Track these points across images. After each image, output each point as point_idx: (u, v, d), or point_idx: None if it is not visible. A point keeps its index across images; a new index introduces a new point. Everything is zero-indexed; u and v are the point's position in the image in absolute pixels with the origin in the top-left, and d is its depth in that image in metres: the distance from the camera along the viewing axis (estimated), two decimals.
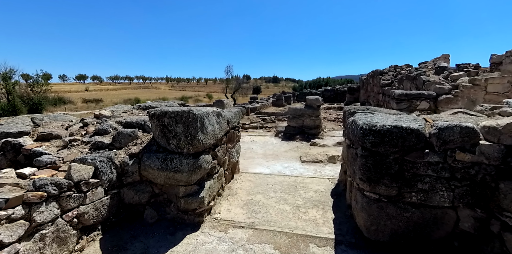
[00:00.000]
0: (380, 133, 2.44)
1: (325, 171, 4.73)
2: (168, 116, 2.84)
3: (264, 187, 3.95)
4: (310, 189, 3.86)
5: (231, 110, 4.10)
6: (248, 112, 14.58)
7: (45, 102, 25.37)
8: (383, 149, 2.47)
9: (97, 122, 3.85)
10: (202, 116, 2.94)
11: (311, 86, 55.15)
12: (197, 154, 2.96)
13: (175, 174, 2.90)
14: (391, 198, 2.57)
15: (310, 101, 7.97)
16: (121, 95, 62.70)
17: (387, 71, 14.98)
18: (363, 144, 2.55)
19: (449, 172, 2.42)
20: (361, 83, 20.39)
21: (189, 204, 2.98)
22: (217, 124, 3.35)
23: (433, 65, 9.43)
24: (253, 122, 12.12)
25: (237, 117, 4.21)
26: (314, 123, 7.83)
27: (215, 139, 3.26)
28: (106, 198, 2.84)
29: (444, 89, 7.26)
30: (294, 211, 3.27)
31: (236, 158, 4.27)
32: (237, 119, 4.22)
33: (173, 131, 2.86)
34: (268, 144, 7.16)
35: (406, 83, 9.84)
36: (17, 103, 21.75)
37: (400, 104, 7.36)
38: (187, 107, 2.93)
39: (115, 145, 3.20)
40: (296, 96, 26.21)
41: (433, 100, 7.26)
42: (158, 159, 2.95)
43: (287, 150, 6.56)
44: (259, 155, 6.01)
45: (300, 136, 7.66)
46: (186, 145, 2.85)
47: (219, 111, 3.48)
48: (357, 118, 2.88)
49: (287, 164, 5.23)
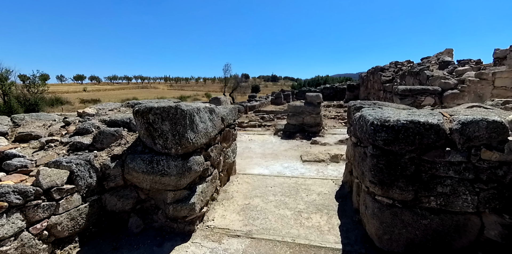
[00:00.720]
0: (394, 130, 2.13)
1: (328, 171, 4.42)
2: (153, 112, 2.52)
3: (263, 190, 3.63)
4: (313, 192, 3.55)
5: (226, 107, 3.78)
6: (247, 110, 14.26)
7: (42, 102, 25.03)
8: (397, 148, 2.16)
9: (79, 121, 3.52)
10: (191, 112, 2.62)
11: (310, 84, 54.80)
12: (186, 155, 2.64)
13: (162, 178, 2.58)
14: (407, 203, 2.26)
15: (310, 98, 7.66)
16: (119, 95, 62.31)
17: (387, 68, 14.68)
18: (374, 142, 2.23)
19: (473, 173, 2.11)
20: (361, 80, 20.08)
21: (179, 211, 2.66)
22: (210, 121, 3.03)
23: (436, 60, 9.12)
24: (252, 120, 11.81)
25: (233, 115, 3.89)
26: (315, 121, 7.51)
27: (207, 138, 2.94)
28: (84, 206, 2.52)
29: (450, 84, 6.95)
30: (295, 217, 2.96)
31: (232, 158, 3.96)
32: (233, 116, 3.90)
33: (159, 129, 2.54)
34: (267, 143, 6.85)
35: (408, 78, 9.53)
36: (14, 104, 21.39)
37: (404, 100, 7.06)
38: (175, 103, 2.61)
39: (96, 145, 2.88)
40: (295, 94, 25.89)
41: (438, 95, 6.96)
42: (143, 161, 2.63)
43: (287, 149, 6.25)
44: (257, 155, 5.69)
45: (300, 134, 7.35)
46: (173, 145, 2.53)
47: (212, 107, 3.16)
48: (365, 113, 2.57)
49: (287, 164, 4.92)
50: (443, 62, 8.40)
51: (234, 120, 3.96)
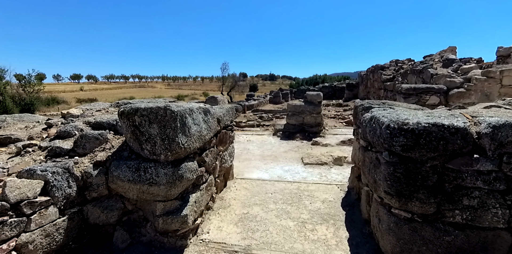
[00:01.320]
0: (414, 134, 1.85)
1: (332, 175, 4.14)
2: (140, 114, 2.23)
3: (263, 197, 3.36)
4: (317, 199, 3.28)
5: (223, 107, 3.49)
6: (245, 109, 13.98)
7: (37, 102, 24.66)
8: (417, 154, 1.88)
9: (61, 122, 3.23)
10: (183, 113, 2.33)
11: (308, 83, 54.49)
12: (177, 162, 2.36)
13: (150, 188, 2.30)
14: (428, 217, 1.99)
15: (310, 97, 7.38)
16: (116, 94, 61.82)
17: (388, 66, 14.44)
18: (390, 147, 1.96)
19: (505, 183, 1.84)
20: (360, 79, 19.83)
21: (169, 225, 2.38)
22: (204, 123, 2.75)
23: (440, 58, 8.86)
24: (250, 120, 11.53)
25: (230, 115, 3.60)
26: (315, 121, 7.24)
27: (201, 142, 2.65)
28: (62, 220, 2.23)
29: (455, 83, 6.70)
30: (299, 229, 2.68)
31: (230, 162, 3.67)
32: (230, 117, 3.62)
33: (146, 133, 2.25)
34: (266, 144, 6.57)
35: (411, 77, 9.28)
36: (8, 104, 20.99)
37: (408, 99, 6.80)
38: (164, 103, 2.32)
39: (77, 151, 2.59)
40: (293, 93, 25.61)
41: (443, 94, 6.70)
42: (129, 168, 2.34)
43: (287, 150, 5.97)
44: (256, 157, 5.41)
45: (300, 134, 7.08)
46: (163, 150, 2.24)
47: (206, 107, 2.87)
48: (378, 114, 2.29)
49: (287, 167, 4.64)
50: (447, 60, 8.15)
51: (231, 121, 3.67)
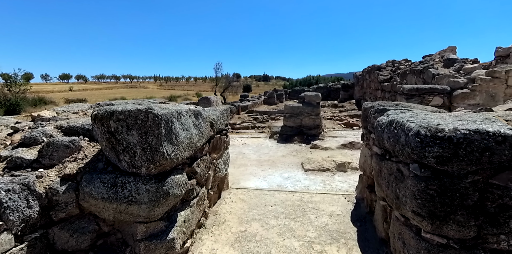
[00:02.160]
0: (451, 143, 1.50)
1: (336, 183, 3.79)
2: (116, 118, 1.84)
3: (262, 210, 2.98)
4: (323, 212, 2.92)
5: (216, 109, 3.11)
6: (239, 110, 13.60)
7: (23, 103, 23.90)
8: (455, 168, 1.54)
9: (29, 127, 2.80)
10: (169, 117, 1.94)
11: (302, 84, 54.32)
12: (162, 175, 1.97)
13: (129, 207, 1.90)
14: (466, 242, 1.64)
15: (309, 98, 7.04)
16: (106, 94, 60.79)
17: (384, 66, 14.24)
18: (421, 159, 1.61)
19: None
20: (356, 79, 19.64)
21: (152, 251, 1.99)
22: (195, 128, 2.37)
23: (440, 57, 8.63)
24: (245, 121, 11.15)
25: (225, 118, 3.22)
26: (314, 123, 6.90)
27: (192, 150, 2.27)
28: (20, 248, 1.82)
29: (459, 83, 6.44)
30: (306, 250, 2.31)
31: (224, 171, 3.29)
32: (225, 119, 3.24)
33: (123, 141, 1.86)
34: (262, 148, 6.20)
35: (410, 77, 9.02)
36: None
37: (410, 100, 6.51)
38: (146, 105, 1.93)
39: (42, 162, 2.18)
40: (288, 93, 25.35)
41: (447, 95, 6.43)
42: (103, 183, 1.95)
43: (285, 154, 5.61)
44: (252, 162, 5.04)
45: (299, 137, 6.73)
46: (144, 162, 1.85)
47: (198, 110, 2.48)
48: (400, 117, 1.94)
49: (287, 173, 4.28)
50: (449, 59, 7.91)
51: (226, 125, 3.29)
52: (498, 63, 9.39)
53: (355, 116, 12.19)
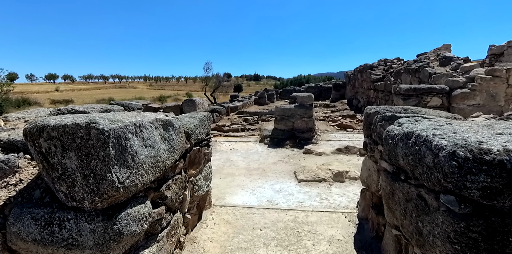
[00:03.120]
0: (504, 169, 1.08)
1: (334, 197, 3.37)
2: (47, 135, 1.36)
3: (249, 236, 2.53)
4: (321, 237, 2.48)
5: (195, 116, 2.63)
6: (229, 112, 13.11)
7: (6, 104, 22.92)
8: (508, 203, 1.12)
9: None
10: (121, 133, 1.47)
11: (293, 83, 54.06)
12: (114, 209, 1.50)
13: (69, 253, 1.43)
14: None
15: (301, 99, 6.62)
16: (94, 95, 59.50)
17: (376, 65, 13.96)
18: (460, 190, 1.18)
19: None
20: (347, 79, 19.36)
21: None
22: (164, 142, 1.90)
23: (435, 56, 8.34)
24: (234, 123, 10.68)
25: (205, 126, 2.75)
26: (307, 126, 6.49)
27: (159, 171, 1.80)
28: None
29: (458, 82, 6.12)
30: None
31: (206, 187, 2.82)
32: (205, 128, 2.77)
33: (58, 166, 1.38)
34: (252, 153, 5.75)
35: (405, 76, 8.71)
36: None
37: (408, 100, 6.17)
38: (88, 116, 1.45)
39: None
40: (279, 93, 24.99)
41: (446, 95, 6.11)
42: (35, 221, 1.47)
43: (276, 161, 5.18)
44: (241, 171, 4.59)
45: (290, 141, 6.30)
46: (87, 194, 1.38)
47: (168, 119, 2.01)
48: (422, 130, 1.52)
49: (279, 185, 3.84)
50: (445, 58, 7.61)
51: (207, 134, 2.82)
52: (491, 62, 9.17)
53: (347, 116, 11.87)
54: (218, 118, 11.65)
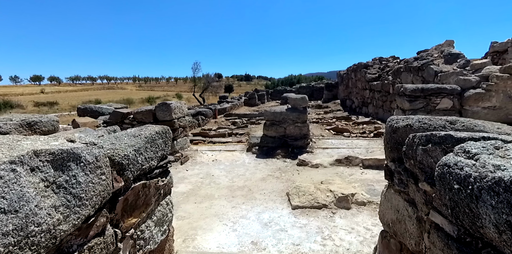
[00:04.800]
0: None
1: (340, 234, 2.55)
2: None
3: None
4: None
5: (139, 134, 1.76)
6: (216, 114, 12.23)
7: None
8: None
9: None
10: None
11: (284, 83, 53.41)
12: None
13: None
14: None
15: (293, 102, 5.81)
16: (81, 96, 57.87)
17: (371, 64, 13.29)
18: None
19: None
20: (340, 78, 18.68)
21: None
22: (54, 194, 1.04)
23: (439, 53, 7.64)
24: (221, 127, 9.83)
25: (157, 148, 1.88)
26: (300, 132, 5.68)
27: (36, 251, 0.94)
28: None
29: (471, 82, 5.40)
30: None
31: (159, 236, 1.94)
32: (157, 151, 1.90)
33: None
34: (237, 166, 4.91)
35: (405, 75, 8.00)
36: None
37: (415, 102, 5.43)
38: None
39: None
40: (270, 94, 24.23)
41: (457, 96, 5.38)
42: None
43: (266, 176, 4.36)
44: (222, 191, 3.74)
45: (282, 150, 5.48)
46: None
47: (68, 151, 1.15)
48: None
49: (267, 213, 3.01)
50: (450, 55, 6.92)
51: (161, 158, 1.95)
52: (494, 59, 8.55)
53: (342, 118, 11.15)
54: (204, 121, 10.76)
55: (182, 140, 5.49)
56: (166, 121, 5.05)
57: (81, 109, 6.97)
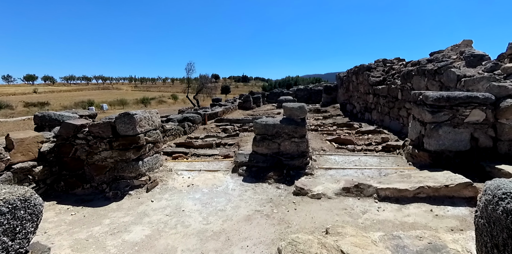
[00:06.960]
0: None
1: None
2: None
3: None
4: None
5: None
6: (205, 119, 11.14)
7: None
8: None
9: None
10: None
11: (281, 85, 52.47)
12: None
13: None
14: None
15: (290, 111, 4.75)
16: (74, 97, 56.60)
17: (374, 67, 12.27)
18: None
19: None
20: (340, 81, 17.66)
21: None
22: None
23: (458, 54, 6.63)
24: (209, 135, 8.73)
25: None
26: (298, 149, 4.62)
27: None
28: None
29: (507, 89, 4.37)
30: None
31: None
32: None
33: None
34: (218, 194, 3.85)
35: (417, 80, 6.99)
36: None
37: (438, 114, 4.40)
38: None
39: None
40: (266, 96, 23.16)
41: (491, 106, 4.36)
42: None
43: (252, 213, 3.30)
44: (188, 242, 2.68)
45: (275, 172, 4.42)
46: None
47: None
48: None
49: None
50: (473, 56, 5.91)
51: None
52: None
53: (344, 125, 10.12)
54: (192, 128, 9.68)
55: (151, 159, 4.41)
56: (128, 136, 3.97)
57: (38, 117, 5.87)
